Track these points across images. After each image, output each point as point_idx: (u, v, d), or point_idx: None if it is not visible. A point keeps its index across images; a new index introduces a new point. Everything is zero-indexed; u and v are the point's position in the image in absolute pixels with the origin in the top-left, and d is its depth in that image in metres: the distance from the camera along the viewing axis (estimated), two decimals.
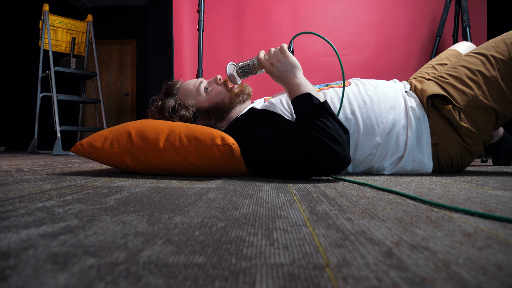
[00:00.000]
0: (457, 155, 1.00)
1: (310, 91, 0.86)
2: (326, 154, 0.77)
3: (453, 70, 1.03)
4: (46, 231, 0.35)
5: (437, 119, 0.99)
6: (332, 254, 0.29)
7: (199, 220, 0.41)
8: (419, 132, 0.98)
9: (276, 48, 0.92)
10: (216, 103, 1.05)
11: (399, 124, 0.98)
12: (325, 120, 0.79)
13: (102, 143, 0.95)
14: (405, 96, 1.03)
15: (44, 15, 3.36)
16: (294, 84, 0.88)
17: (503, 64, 0.95)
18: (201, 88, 1.06)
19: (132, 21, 5.77)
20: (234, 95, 1.05)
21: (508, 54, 0.95)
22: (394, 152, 0.99)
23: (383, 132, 0.98)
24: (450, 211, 0.46)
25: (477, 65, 0.99)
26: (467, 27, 2.20)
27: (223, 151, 0.86)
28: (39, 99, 3.39)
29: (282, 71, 0.90)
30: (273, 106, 0.98)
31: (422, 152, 0.98)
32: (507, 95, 0.96)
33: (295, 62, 0.90)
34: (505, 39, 0.98)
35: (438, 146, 0.99)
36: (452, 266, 0.26)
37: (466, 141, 0.98)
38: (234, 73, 1.00)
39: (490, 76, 0.96)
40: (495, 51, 0.98)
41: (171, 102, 1.06)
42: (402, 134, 0.98)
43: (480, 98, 0.96)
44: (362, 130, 0.98)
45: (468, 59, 1.02)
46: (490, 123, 0.98)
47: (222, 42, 2.68)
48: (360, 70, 2.61)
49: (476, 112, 0.97)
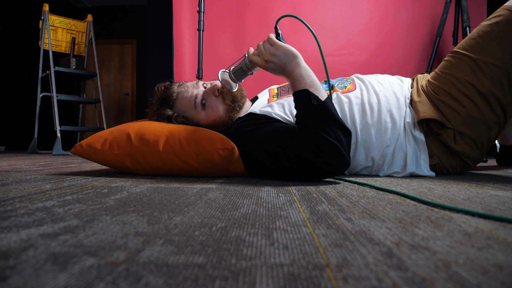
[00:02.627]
0: (456, 169, 0.98)
1: (309, 86, 0.80)
2: (321, 160, 0.75)
3: (442, 81, 0.95)
4: (46, 231, 0.35)
5: (435, 140, 0.94)
6: (332, 254, 0.29)
7: (199, 220, 0.41)
8: (416, 151, 0.94)
9: (264, 41, 0.85)
10: (214, 120, 1.00)
11: (397, 140, 0.94)
12: (323, 125, 0.75)
13: (102, 145, 0.95)
14: (407, 108, 0.97)
15: (44, 15, 3.36)
16: (294, 76, 0.82)
17: (496, 69, 0.86)
18: (198, 105, 0.99)
19: (132, 21, 5.77)
20: (230, 108, 1.00)
21: (501, 56, 0.85)
22: (390, 167, 0.96)
23: (380, 147, 0.94)
24: (450, 211, 0.46)
25: (467, 74, 0.90)
26: (467, 27, 2.20)
27: (223, 155, 0.86)
28: (39, 99, 3.39)
29: (280, 64, 0.82)
30: (274, 112, 0.95)
31: (421, 169, 0.94)
32: (502, 101, 0.88)
33: (291, 50, 0.82)
34: (496, 32, 0.86)
35: (437, 166, 0.96)
36: (452, 266, 0.26)
37: (465, 160, 0.96)
38: (228, 79, 0.93)
39: (481, 87, 0.88)
40: (485, 53, 0.87)
41: (169, 113, 1.02)
42: (399, 152, 0.94)
43: (474, 114, 0.90)
44: (360, 141, 0.94)
45: (457, 65, 0.93)
46: (492, 134, 0.93)
47: (222, 42, 2.68)
48: (360, 70, 2.61)
49: (472, 129, 0.91)
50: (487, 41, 0.88)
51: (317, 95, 0.79)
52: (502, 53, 0.86)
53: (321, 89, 0.81)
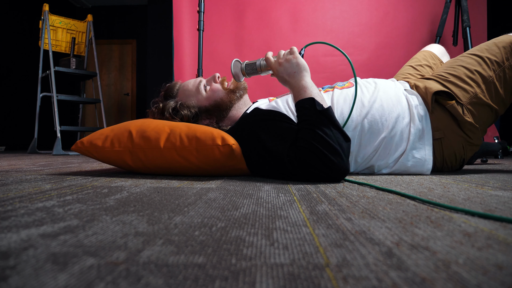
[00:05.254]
0: (460, 149, 1.02)
1: (315, 95, 0.85)
2: (323, 165, 0.77)
3: (452, 70, 1.06)
4: (46, 231, 0.35)
5: (441, 114, 1.01)
6: (332, 254, 0.29)
7: (199, 220, 0.41)
8: (421, 129, 0.99)
9: (286, 50, 0.93)
10: (215, 101, 1.05)
11: (402, 121, 0.99)
12: (325, 128, 0.78)
13: (103, 142, 0.95)
14: (407, 95, 1.05)
15: (44, 15, 3.36)
16: (300, 86, 0.87)
17: (497, 65, 1.01)
18: (201, 87, 1.06)
19: (132, 21, 5.77)
20: (231, 91, 1.06)
21: (501, 56, 1.02)
22: (398, 147, 0.99)
23: (387, 129, 0.99)
24: (450, 211, 0.46)
25: (475, 65, 1.04)
26: (467, 27, 2.20)
27: (224, 151, 0.86)
28: (39, 99, 3.39)
29: (289, 71, 0.89)
30: (279, 106, 0.98)
31: (424, 148, 0.99)
32: (500, 95, 1.01)
33: (304, 64, 0.90)
34: (497, 42, 1.05)
35: (442, 140, 1.01)
36: (452, 266, 0.26)
37: (468, 135, 1.01)
38: (238, 71, 0.99)
39: (487, 76, 1.01)
40: (489, 53, 1.04)
41: (172, 104, 1.06)
42: (405, 131, 0.99)
43: (480, 96, 1.00)
44: (367, 129, 0.98)
45: (464, 60, 1.07)
46: (489, 120, 1.04)
47: (222, 42, 2.68)
48: (360, 70, 2.61)
49: (477, 109, 1.00)
50: (490, 46, 1.06)
51: (321, 103, 0.83)
52: (502, 55, 1.02)
53: (324, 101, 0.86)
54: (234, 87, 1.06)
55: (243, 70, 0.98)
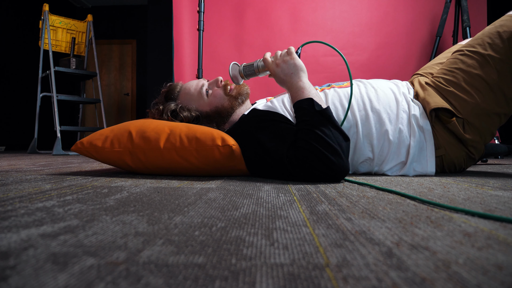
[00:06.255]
0: (461, 161, 1.00)
1: (313, 96, 0.84)
2: (323, 165, 0.76)
3: (451, 75, 1.00)
4: (46, 231, 0.35)
5: (442, 131, 0.97)
6: (332, 254, 0.29)
7: (199, 220, 0.41)
8: (422, 142, 0.95)
9: (283, 50, 0.92)
10: (216, 107, 1.04)
11: (399, 132, 0.96)
12: (324, 128, 0.78)
13: (103, 142, 0.95)
14: (409, 102, 1.00)
15: (44, 15, 3.36)
16: (297, 87, 0.87)
17: (501, 63, 0.93)
18: (203, 92, 1.04)
19: (132, 21, 5.77)
20: (233, 98, 1.04)
21: (505, 52, 0.92)
22: (395, 156, 0.96)
23: (380, 136, 0.96)
24: (450, 211, 0.46)
25: (475, 68, 0.96)
26: (467, 27, 2.20)
27: (224, 152, 0.86)
28: (39, 99, 3.39)
29: (287, 72, 0.89)
30: (275, 106, 0.97)
31: (426, 162, 0.95)
32: (507, 95, 0.94)
33: (301, 65, 0.89)
34: (501, 32, 0.93)
35: (444, 157, 0.98)
36: (452, 266, 0.26)
37: (471, 151, 0.98)
38: (237, 73, 0.99)
39: (490, 80, 0.93)
40: (492, 49, 0.94)
41: (172, 106, 1.05)
42: (404, 141, 0.95)
43: (481, 105, 0.94)
44: (361, 131, 0.96)
45: (465, 61, 0.99)
46: (494, 127, 0.98)
47: (222, 42, 2.68)
48: (360, 70, 2.61)
49: (479, 119, 0.95)
50: (493, 40, 0.94)
51: (320, 104, 0.83)
52: (506, 49, 0.92)
53: (323, 101, 0.86)
54: (236, 93, 1.04)
55: (241, 72, 0.98)
